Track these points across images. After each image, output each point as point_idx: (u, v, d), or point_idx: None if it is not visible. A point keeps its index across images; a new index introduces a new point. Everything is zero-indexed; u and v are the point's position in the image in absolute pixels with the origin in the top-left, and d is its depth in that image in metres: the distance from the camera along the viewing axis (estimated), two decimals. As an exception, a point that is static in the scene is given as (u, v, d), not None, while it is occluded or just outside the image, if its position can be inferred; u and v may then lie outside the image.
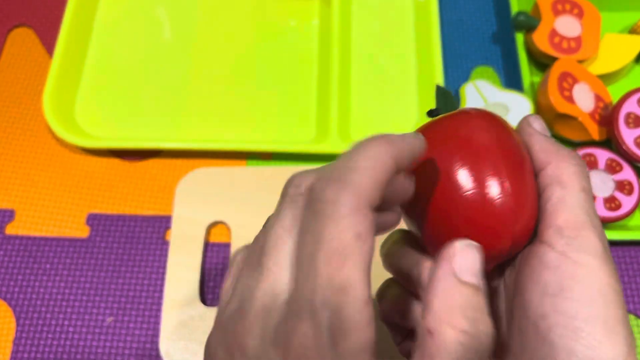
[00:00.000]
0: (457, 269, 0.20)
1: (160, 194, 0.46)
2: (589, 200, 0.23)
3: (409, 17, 0.53)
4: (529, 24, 0.48)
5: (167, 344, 0.39)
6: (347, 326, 0.17)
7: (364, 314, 0.18)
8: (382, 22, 0.53)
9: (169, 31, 0.53)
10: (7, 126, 0.49)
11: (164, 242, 0.44)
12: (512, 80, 0.50)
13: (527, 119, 0.25)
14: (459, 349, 0.18)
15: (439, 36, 0.49)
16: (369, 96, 0.50)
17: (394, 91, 0.50)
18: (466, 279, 0.20)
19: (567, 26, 0.48)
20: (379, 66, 0.51)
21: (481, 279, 0.20)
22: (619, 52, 0.48)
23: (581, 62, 0.47)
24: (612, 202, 0.42)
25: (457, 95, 0.48)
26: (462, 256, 0.20)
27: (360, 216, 0.18)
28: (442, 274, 0.20)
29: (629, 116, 0.43)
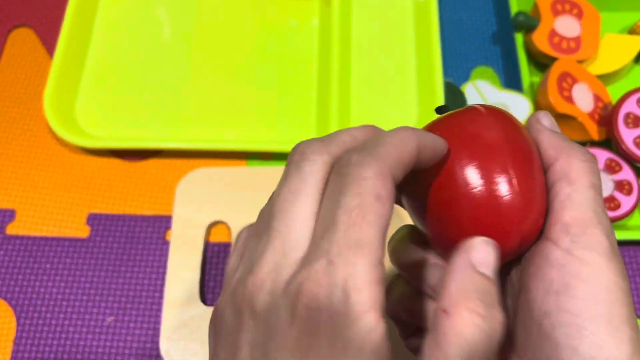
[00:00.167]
0: (475, 260, 0.20)
1: (160, 194, 0.46)
2: (598, 197, 0.22)
3: (409, 17, 0.53)
4: (528, 24, 0.48)
5: (167, 343, 0.39)
6: (358, 283, 0.18)
7: (375, 274, 0.18)
8: (382, 22, 0.53)
9: (169, 31, 0.53)
10: (7, 126, 0.49)
11: (164, 242, 0.44)
12: (511, 80, 0.50)
13: (536, 115, 0.25)
14: (475, 331, 0.19)
15: (438, 36, 0.49)
16: (369, 96, 0.50)
17: (394, 91, 0.50)
18: (483, 270, 0.20)
19: (567, 26, 0.48)
20: (379, 66, 0.51)
21: (495, 275, 0.21)
22: (619, 52, 0.48)
23: (581, 62, 0.47)
24: (611, 202, 0.43)
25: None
26: (480, 250, 0.21)
27: (381, 180, 0.19)
28: (461, 263, 0.20)
29: (628, 116, 0.43)
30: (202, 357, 0.39)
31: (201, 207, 0.44)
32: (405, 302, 0.26)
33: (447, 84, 0.23)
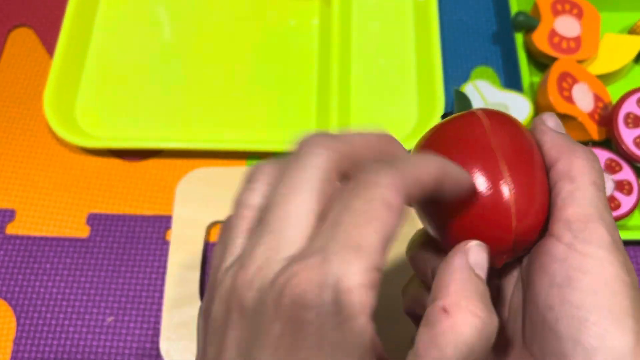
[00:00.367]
0: (472, 262, 0.21)
1: (160, 194, 0.46)
2: (599, 193, 0.23)
3: (409, 17, 0.53)
4: (528, 24, 0.48)
5: (167, 343, 0.39)
6: (351, 284, 0.17)
7: (369, 279, 0.17)
8: (382, 22, 0.53)
9: (169, 31, 0.53)
10: (7, 126, 0.49)
11: (164, 242, 0.44)
12: (511, 80, 0.50)
13: (541, 117, 0.25)
14: (474, 332, 0.19)
15: (438, 36, 0.49)
16: (369, 96, 0.50)
17: (394, 91, 0.50)
18: (478, 272, 0.21)
19: (567, 26, 0.48)
20: (379, 66, 0.51)
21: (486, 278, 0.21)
22: (619, 52, 0.48)
23: (581, 62, 0.47)
24: (611, 202, 0.43)
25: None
26: (475, 252, 0.21)
27: (395, 192, 0.18)
28: (459, 264, 0.21)
29: (628, 116, 0.43)
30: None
31: (201, 207, 0.44)
32: (419, 299, 0.27)
33: (457, 91, 0.23)
